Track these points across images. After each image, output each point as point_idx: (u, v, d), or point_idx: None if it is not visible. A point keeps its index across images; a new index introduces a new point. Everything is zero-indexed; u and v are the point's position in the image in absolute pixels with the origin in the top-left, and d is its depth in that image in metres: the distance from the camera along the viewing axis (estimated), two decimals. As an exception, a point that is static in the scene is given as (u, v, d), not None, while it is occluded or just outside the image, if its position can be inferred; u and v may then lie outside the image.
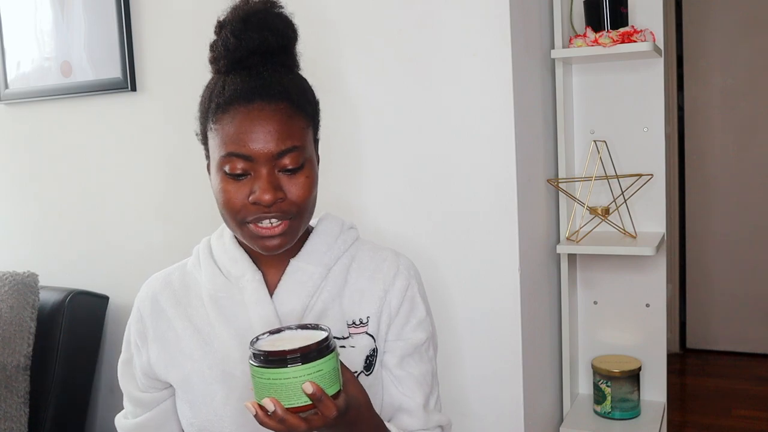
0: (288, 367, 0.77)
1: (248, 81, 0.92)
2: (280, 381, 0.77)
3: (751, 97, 3.65)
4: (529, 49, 1.72)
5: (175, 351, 1.03)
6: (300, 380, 0.77)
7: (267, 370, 0.78)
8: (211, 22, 1.01)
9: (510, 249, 1.60)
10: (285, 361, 0.77)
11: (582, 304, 2.10)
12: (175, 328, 1.03)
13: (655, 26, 1.90)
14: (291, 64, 1.00)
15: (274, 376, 0.77)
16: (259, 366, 0.78)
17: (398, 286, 1.03)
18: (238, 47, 0.94)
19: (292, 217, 0.94)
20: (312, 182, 0.95)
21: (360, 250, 1.07)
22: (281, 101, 0.92)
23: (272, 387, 0.78)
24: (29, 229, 2.20)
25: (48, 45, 2.06)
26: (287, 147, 0.91)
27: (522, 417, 1.64)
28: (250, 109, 0.90)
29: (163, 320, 1.05)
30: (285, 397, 0.78)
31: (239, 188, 0.91)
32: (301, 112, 0.94)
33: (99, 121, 2.03)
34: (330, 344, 0.80)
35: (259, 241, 0.94)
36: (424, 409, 1.02)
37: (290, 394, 0.78)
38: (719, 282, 3.79)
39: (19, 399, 1.86)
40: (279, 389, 0.78)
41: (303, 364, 0.77)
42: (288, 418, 0.78)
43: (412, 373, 1.03)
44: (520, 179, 1.61)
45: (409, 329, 1.04)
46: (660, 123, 1.97)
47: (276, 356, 0.77)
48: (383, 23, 1.65)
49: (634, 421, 1.96)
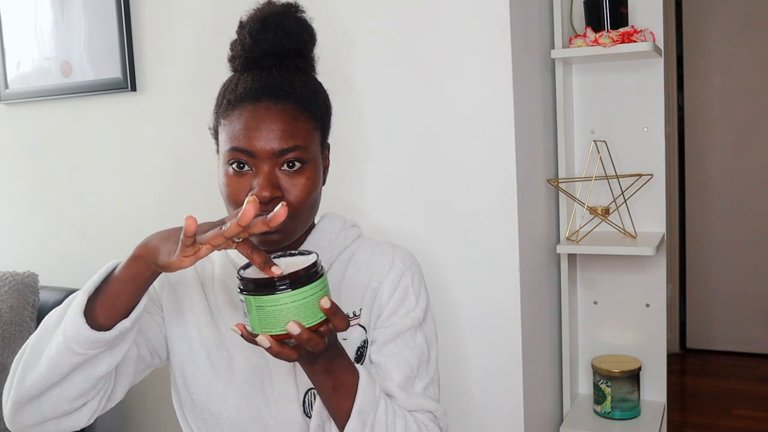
0: (303, 287, 0.76)
1: (259, 80, 0.96)
2: (296, 302, 0.75)
3: (751, 97, 3.65)
4: (529, 49, 1.72)
5: (189, 319, 1.05)
6: (314, 298, 0.76)
7: (283, 295, 0.75)
8: (210, 22, 1.02)
9: (510, 249, 1.61)
10: (302, 279, 0.76)
11: (582, 304, 2.10)
12: (191, 299, 1.06)
13: (655, 26, 1.90)
14: (305, 67, 1.02)
15: (291, 298, 0.75)
16: (271, 293, 0.76)
17: (391, 278, 1.04)
18: (253, 47, 0.98)
19: (288, 217, 0.93)
20: (312, 184, 0.95)
21: (360, 247, 1.08)
22: (289, 102, 0.94)
23: (287, 311, 0.76)
24: (29, 229, 2.20)
25: (48, 45, 2.06)
26: (289, 146, 0.92)
27: (522, 417, 1.64)
28: (257, 107, 0.93)
29: (183, 285, 1.07)
30: (301, 319, 0.76)
31: (241, 182, 0.94)
32: (309, 113, 0.96)
33: (99, 121, 2.03)
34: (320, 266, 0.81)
35: (258, 235, 0.94)
36: (402, 389, 0.98)
37: (305, 314, 0.76)
38: (719, 282, 3.79)
39: (19, 399, 1.86)
40: (293, 312, 0.76)
41: (309, 283, 0.76)
42: (312, 337, 0.76)
43: (391, 356, 1.01)
44: (520, 179, 1.61)
45: (397, 318, 1.03)
46: (660, 123, 1.97)
47: (293, 277, 0.76)
48: (383, 23, 1.65)
49: (634, 421, 1.96)
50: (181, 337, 1.04)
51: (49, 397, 0.87)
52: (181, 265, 0.78)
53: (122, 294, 0.85)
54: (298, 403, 1.00)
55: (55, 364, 0.85)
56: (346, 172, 1.71)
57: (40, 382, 0.86)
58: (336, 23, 1.69)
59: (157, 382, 2.07)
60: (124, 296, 0.85)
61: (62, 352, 0.84)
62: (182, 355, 1.04)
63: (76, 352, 0.84)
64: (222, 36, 1.11)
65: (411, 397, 0.98)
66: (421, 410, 0.99)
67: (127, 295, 0.85)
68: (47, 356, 0.86)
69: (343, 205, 1.72)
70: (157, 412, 2.08)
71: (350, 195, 1.72)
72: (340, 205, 1.78)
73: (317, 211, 1.03)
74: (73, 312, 0.84)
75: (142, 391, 2.09)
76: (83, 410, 0.91)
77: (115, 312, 0.85)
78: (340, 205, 1.78)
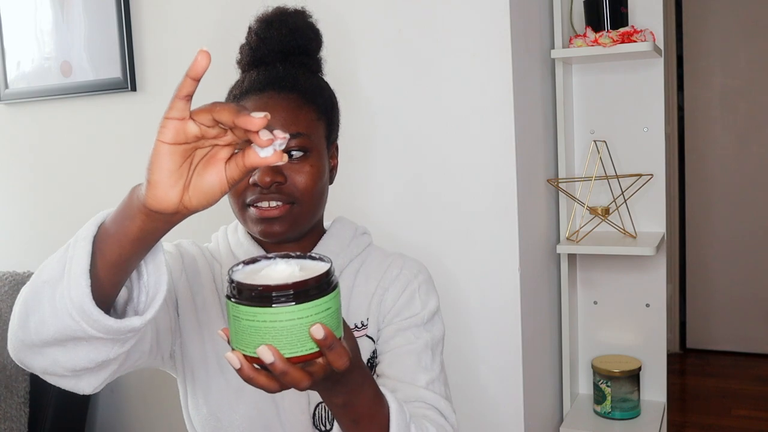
0: (291, 305, 0.60)
1: (264, 74, 0.98)
2: (277, 323, 0.59)
3: (751, 97, 3.65)
4: (529, 49, 1.72)
5: (201, 319, 0.99)
6: (305, 321, 0.60)
7: (261, 310, 0.60)
8: (210, 22, 1.03)
9: (510, 249, 1.60)
10: (289, 296, 0.60)
11: (582, 304, 2.10)
12: (204, 297, 1.01)
13: (655, 26, 1.90)
14: (311, 65, 1.04)
15: (271, 317, 0.59)
16: (249, 304, 0.60)
17: (397, 284, 1.03)
18: (259, 45, 1.01)
19: (293, 203, 0.94)
20: (317, 172, 0.95)
21: (370, 255, 1.07)
22: (292, 92, 0.96)
23: (264, 331, 0.60)
24: (29, 229, 2.20)
25: (48, 45, 2.06)
26: (291, 132, 0.92)
27: (522, 417, 1.64)
28: (261, 96, 0.95)
29: (197, 281, 1.01)
30: (282, 345, 0.61)
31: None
32: (313, 105, 0.97)
33: (99, 121, 2.03)
34: (334, 278, 0.64)
35: (260, 225, 0.94)
36: (401, 381, 0.93)
37: (290, 340, 0.60)
38: (719, 282, 3.79)
39: (19, 399, 1.86)
40: (272, 334, 0.60)
41: (308, 301, 0.60)
42: (290, 371, 0.61)
43: (394, 350, 0.97)
44: (520, 179, 1.61)
45: (400, 319, 1.01)
46: (660, 123, 1.97)
47: (279, 290, 0.60)
48: (383, 24, 1.65)
49: (634, 421, 1.95)
50: (193, 340, 0.99)
51: (48, 355, 0.75)
52: (161, 138, 0.63)
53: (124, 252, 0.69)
54: (308, 414, 0.98)
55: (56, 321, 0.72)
56: (345, 173, 1.71)
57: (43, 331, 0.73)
58: (336, 24, 1.68)
59: (157, 384, 2.07)
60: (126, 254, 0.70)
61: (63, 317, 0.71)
62: (193, 360, 0.99)
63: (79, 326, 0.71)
64: (222, 36, 1.11)
65: (412, 388, 0.94)
66: (424, 403, 0.93)
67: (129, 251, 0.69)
68: (50, 307, 0.72)
69: (342, 205, 1.72)
70: (157, 413, 2.08)
71: (350, 195, 1.71)
72: (339, 206, 1.78)
73: (323, 208, 1.02)
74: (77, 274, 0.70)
75: (141, 396, 2.09)
76: (86, 379, 0.79)
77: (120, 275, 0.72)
78: (339, 206, 1.78)
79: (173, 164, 0.63)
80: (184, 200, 0.64)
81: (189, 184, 0.64)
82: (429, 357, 0.99)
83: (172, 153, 0.63)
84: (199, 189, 0.64)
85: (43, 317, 0.72)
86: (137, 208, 0.66)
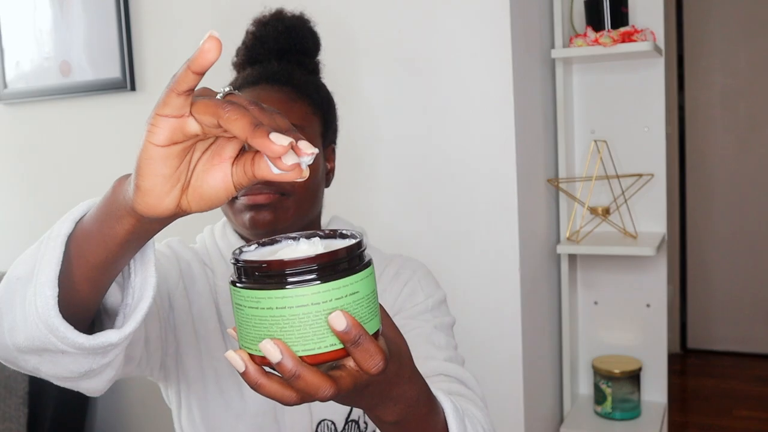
0: (305, 286, 0.47)
1: (259, 70, 0.98)
2: (286, 310, 0.47)
3: (751, 97, 3.65)
4: (529, 49, 1.72)
5: (199, 332, 0.93)
6: (322, 308, 0.48)
7: (265, 294, 0.48)
8: (210, 22, 1.03)
9: (510, 249, 1.60)
10: (300, 273, 0.47)
11: (582, 304, 2.10)
12: (202, 309, 0.94)
13: (655, 26, 1.90)
14: (307, 64, 1.04)
15: (278, 302, 0.47)
16: (252, 287, 0.49)
17: (396, 284, 1.02)
18: (255, 44, 1.01)
19: (284, 193, 0.90)
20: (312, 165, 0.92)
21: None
22: (285, 86, 0.95)
23: (271, 321, 0.48)
24: (29, 229, 2.20)
25: (47, 45, 2.06)
26: None
27: (522, 417, 1.63)
28: (254, 89, 0.94)
29: (194, 290, 0.95)
30: (293, 340, 0.48)
31: None
32: (307, 99, 0.96)
33: (98, 121, 2.03)
34: (366, 254, 0.52)
35: (248, 212, 0.89)
36: (417, 359, 0.74)
37: (303, 333, 0.48)
38: (720, 282, 3.79)
39: (18, 399, 1.86)
40: (280, 325, 0.48)
41: (325, 281, 0.48)
42: (303, 374, 0.48)
43: (408, 335, 0.90)
44: (521, 179, 1.61)
45: (405, 311, 0.99)
46: (660, 123, 1.96)
47: (285, 268, 0.48)
48: (383, 24, 1.65)
49: (634, 421, 1.95)
50: (189, 354, 0.93)
51: (28, 362, 0.66)
52: (151, 132, 0.51)
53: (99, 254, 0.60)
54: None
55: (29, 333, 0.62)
56: (345, 173, 1.70)
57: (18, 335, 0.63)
58: (336, 25, 1.68)
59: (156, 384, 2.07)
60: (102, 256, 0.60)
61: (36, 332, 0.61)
62: (189, 374, 0.94)
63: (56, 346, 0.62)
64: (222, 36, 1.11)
65: (430, 361, 0.87)
66: (445, 375, 0.87)
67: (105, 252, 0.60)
68: (21, 318, 0.62)
69: (342, 206, 1.72)
70: (157, 413, 2.07)
71: (350, 196, 1.71)
72: (339, 206, 1.77)
73: (318, 208, 1.00)
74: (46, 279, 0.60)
75: (141, 396, 2.09)
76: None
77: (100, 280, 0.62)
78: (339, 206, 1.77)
79: (168, 169, 0.51)
80: (182, 204, 0.53)
81: (188, 186, 0.53)
82: (441, 337, 0.94)
83: (167, 156, 0.51)
84: (200, 193, 0.53)
85: (14, 321, 0.62)
86: (125, 210, 0.55)
